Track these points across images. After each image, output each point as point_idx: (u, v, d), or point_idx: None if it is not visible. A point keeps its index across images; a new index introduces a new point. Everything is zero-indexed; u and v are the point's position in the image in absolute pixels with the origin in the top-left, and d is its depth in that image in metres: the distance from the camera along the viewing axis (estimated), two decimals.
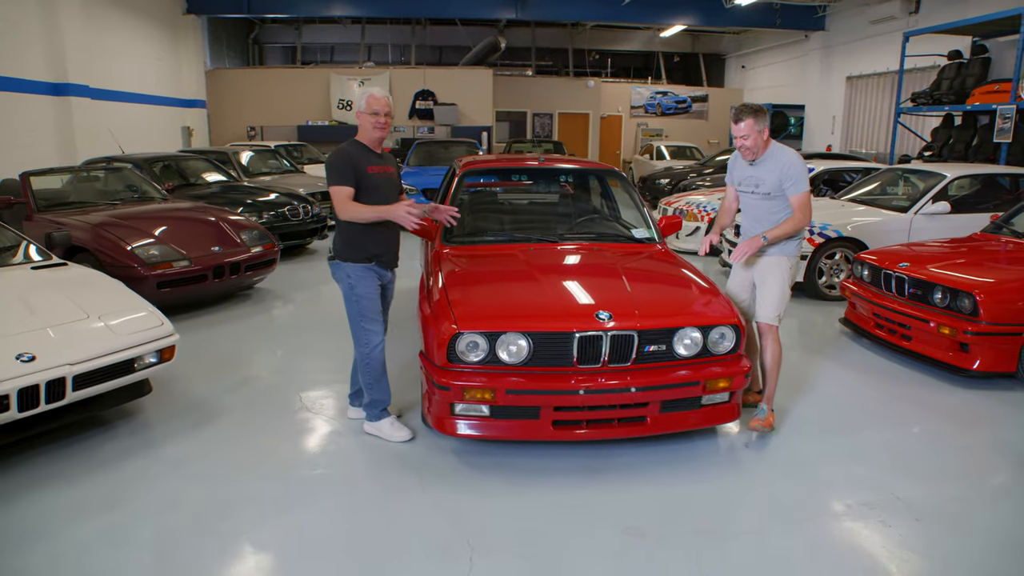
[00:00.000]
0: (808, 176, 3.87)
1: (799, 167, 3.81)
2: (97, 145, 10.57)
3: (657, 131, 20.68)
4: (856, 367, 5.23)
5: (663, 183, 14.47)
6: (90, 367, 3.70)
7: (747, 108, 3.81)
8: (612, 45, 21.61)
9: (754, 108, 3.81)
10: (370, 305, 3.73)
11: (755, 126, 3.77)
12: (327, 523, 3.11)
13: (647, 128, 20.80)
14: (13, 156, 9.04)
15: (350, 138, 3.77)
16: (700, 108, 20.69)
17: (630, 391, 3.33)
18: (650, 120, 20.89)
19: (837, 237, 7.07)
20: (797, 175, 3.80)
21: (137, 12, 13.37)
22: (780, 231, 3.82)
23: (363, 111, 3.68)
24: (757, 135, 3.78)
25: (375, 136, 3.71)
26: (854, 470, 3.60)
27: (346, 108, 17.57)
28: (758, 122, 3.77)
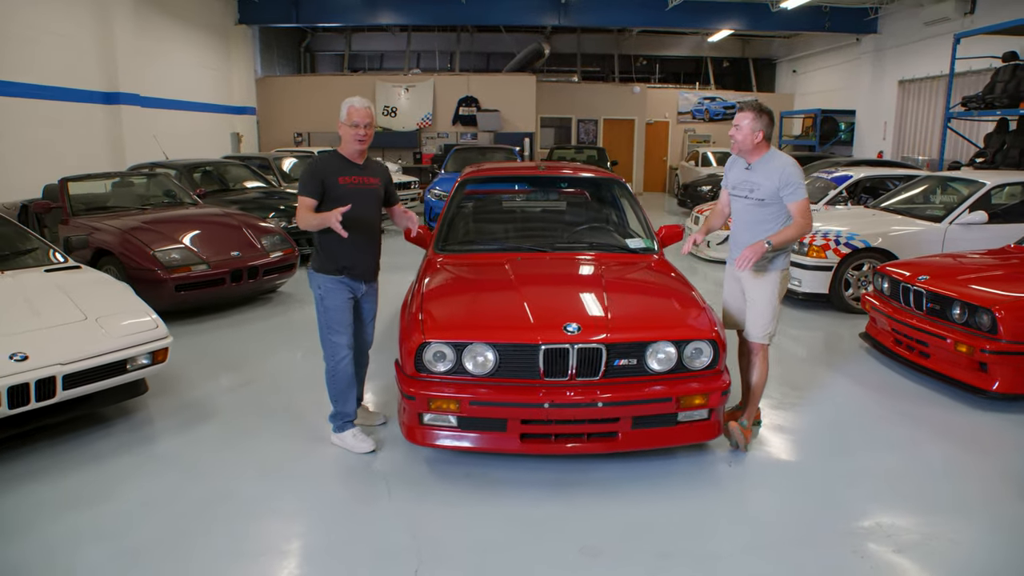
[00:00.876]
0: (804, 183, 3.74)
1: (797, 174, 3.69)
2: (145, 151, 10.97)
3: (704, 137, 20.31)
4: (870, 384, 5.02)
5: (704, 190, 14.23)
6: (81, 367, 3.83)
7: (752, 104, 3.76)
8: (659, 51, 21.34)
9: (757, 107, 3.73)
10: (337, 317, 3.72)
11: (751, 123, 3.67)
12: (286, 528, 3.15)
13: (694, 134, 20.45)
14: (68, 162, 9.44)
15: (331, 149, 3.78)
16: None
17: (597, 406, 3.26)
18: (697, 126, 20.54)
19: (865, 248, 6.81)
20: (796, 182, 3.68)
21: (189, 23, 13.85)
22: (784, 236, 3.69)
23: (343, 122, 3.66)
24: (749, 132, 3.68)
25: (355, 148, 3.70)
26: (843, 494, 3.45)
27: (391, 115, 17.83)
28: (756, 121, 3.67)
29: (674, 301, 3.73)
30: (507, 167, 5.77)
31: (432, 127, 17.99)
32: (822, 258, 6.83)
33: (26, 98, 9.49)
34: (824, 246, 6.84)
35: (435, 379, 3.39)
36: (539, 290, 3.76)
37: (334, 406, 3.85)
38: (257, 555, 2.94)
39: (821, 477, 3.62)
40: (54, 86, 9.97)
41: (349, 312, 3.78)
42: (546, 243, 4.51)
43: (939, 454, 3.94)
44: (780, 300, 3.96)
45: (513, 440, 3.38)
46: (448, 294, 3.82)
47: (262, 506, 3.32)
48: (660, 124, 20.44)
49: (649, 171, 20.35)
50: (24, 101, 9.45)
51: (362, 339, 4.03)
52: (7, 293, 4.24)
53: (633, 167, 19.75)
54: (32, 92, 9.59)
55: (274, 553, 2.96)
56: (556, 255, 4.34)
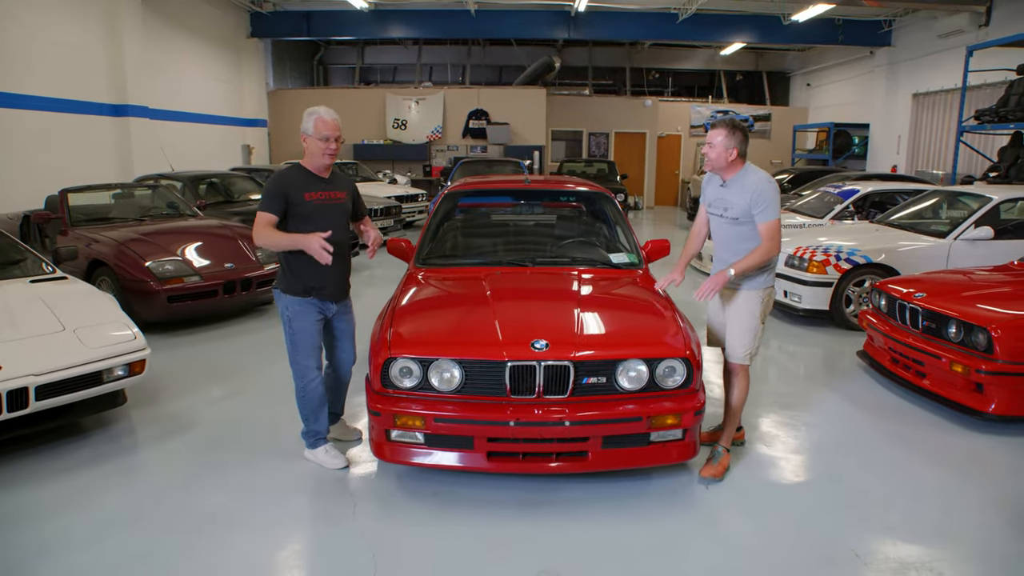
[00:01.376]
0: (778, 202, 3.63)
1: (770, 192, 3.56)
2: (153, 163, 11.07)
3: None
4: (864, 404, 4.89)
5: None
6: (55, 378, 3.82)
7: (724, 121, 3.65)
8: (672, 64, 21.27)
9: (730, 124, 3.61)
10: (305, 339, 3.63)
11: (724, 140, 3.56)
12: (245, 544, 3.09)
13: None
14: (77, 173, 9.54)
15: (295, 162, 3.70)
16: (763, 127, 20.07)
17: (564, 424, 3.18)
18: None
19: (866, 263, 6.68)
20: (768, 200, 3.55)
21: (200, 36, 14.00)
22: (747, 263, 3.57)
23: (311, 135, 3.53)
24: (722, 150, 3.58)
25: (322, 163, 3.60)
26: (823, 519, 3.33)
27: (401, 127, 17.89)
28: (729, 138, 3.56)
29: (650, 318, 3.64)
30: (492, 180, 5.71)
31: (442, 140, 18.04)
32: (822, 274, 6.71)
33: (34, 110, 9.61)
34: (824, 261, 6.72)
35: (401, 395, 3.33)
36: (512, 306, 3.70)
37: (305, 424, 3.80)
38: (210, 569, 2.89)
39: (802, 501, 3.50)
40: (63, 98, 10.10)
41: (318, 334, 3.70)
42: (527, 258, 4.44)
43: (931, 479, 3.79)
44: (763, 319, 3.85)
45: (480, 458, 3.31)
46: (419, 309, 3.77)
47: (225, 521, 3.28)
48: (672, 137, 20.34)
49: (661, 185, 20.24)
50: (33, 113, 9.57)
51: (339, 358, 3.96)
52: None
53: (644, 180, 19.67)
54: (41, 104, 9.71)
55: (227, 568, 2.91)
56: (536, 270, 4.28)
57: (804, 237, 7.42)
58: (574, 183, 5.21)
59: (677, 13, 15.01)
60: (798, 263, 6.89)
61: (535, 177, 5.25)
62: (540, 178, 5.62)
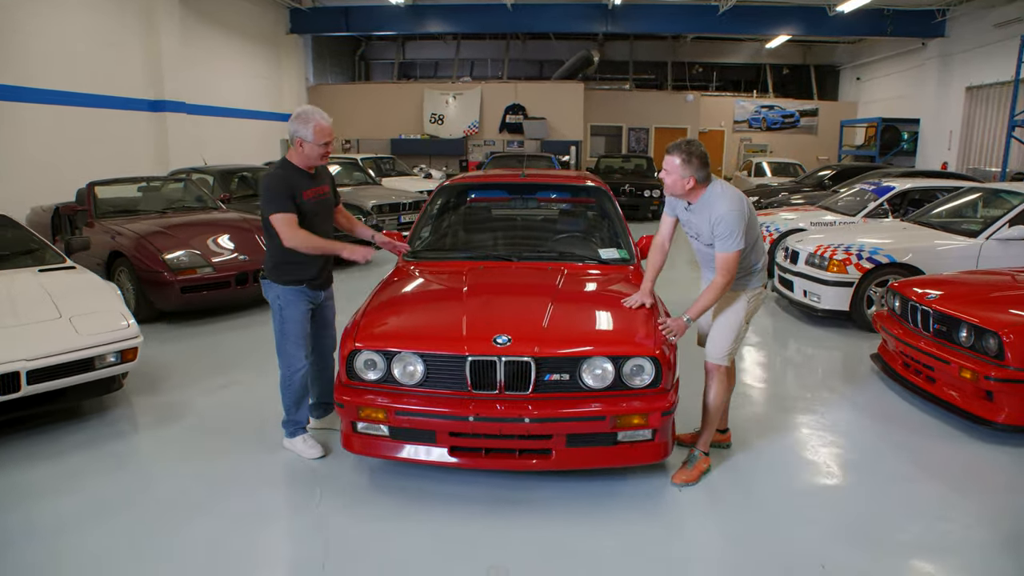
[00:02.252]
0: (742, 232, 3.34)
1: (731, 222, 3.30)
2: (188, 157, 11.36)
3: (761, 147, 19.72)
4: (869, 410, 4.69)
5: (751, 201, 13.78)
6: (46, 363, 3.94)
7: (681, 147, 3.34)
8: (716, 58, 20.86)
9: (687, 150, 3.31)
10: (295, 329, 3.70)
11: (680, 168, 3.32)
12: (204, 529, 3.14)
13: (750, 144, 19.89)
14: (116, 167, 9.86)
15: (281, 160, 3.70)
16: (809, 123, 19.53)
17: (524, 421, 3.13)
18: (754, 135, 19.95)
19: (890, 263, 6.41)
20: (726, 231, 3.30)
21: (239, 33, 14.31)
22: (700, 304, 3.42)
23: (310, 141, 3.56)
24: (678, 178, 3.34)
25: (319, 163, 3.70)
26: (799, 530, 3.17)
27: (438, 122, 17.98)
28: (685, 166, 3.31)
29: (621, 315, 3.54)
30: (487, 175, 5.67)
31: (479, 134, 18.06)
32: (842, 273, 6.47)
33: (75, 106, 9.96)
34: (845, 260, 6.48)
35: (366, 388, 3.33)
36: (485, 300, 3.65)
37: (287, 414, 3.84)
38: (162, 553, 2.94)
39: (781, 509, 3.36)
40: (102, 95, 10.43)
41: (307, 323, 3.76)
42: (513, 252, 4.39)
43: (927, 491, 3.58)
44: (748, 320, 3.73)
45: (443, 452, 3.29)
46: (392, 303, 3.75)
47: (194, 507, 3.34)
48: (715, 133, 19.96)
49: None
50: (73, 109, 9.92)
51: (324, 343, 4.02)
52: None
53: None
54: (81, 100, 10.05)
55: (180, 553, 2.97)
56: (520, 265, 4.22)
57: (828, 235, 7.17)
58: (571, 177, 5.13)
59: (717, 5, 14.72)
60: (818, 262, 6.66)
61: (531, 171, 5.18)
62: (537, 172, 5.55)
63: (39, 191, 8.75)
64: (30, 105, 9.17)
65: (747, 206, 3.43)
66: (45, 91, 9.46)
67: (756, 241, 3.62)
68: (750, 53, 20.18)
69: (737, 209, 3.33)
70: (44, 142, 9.38)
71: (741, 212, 3.34)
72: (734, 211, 3.31)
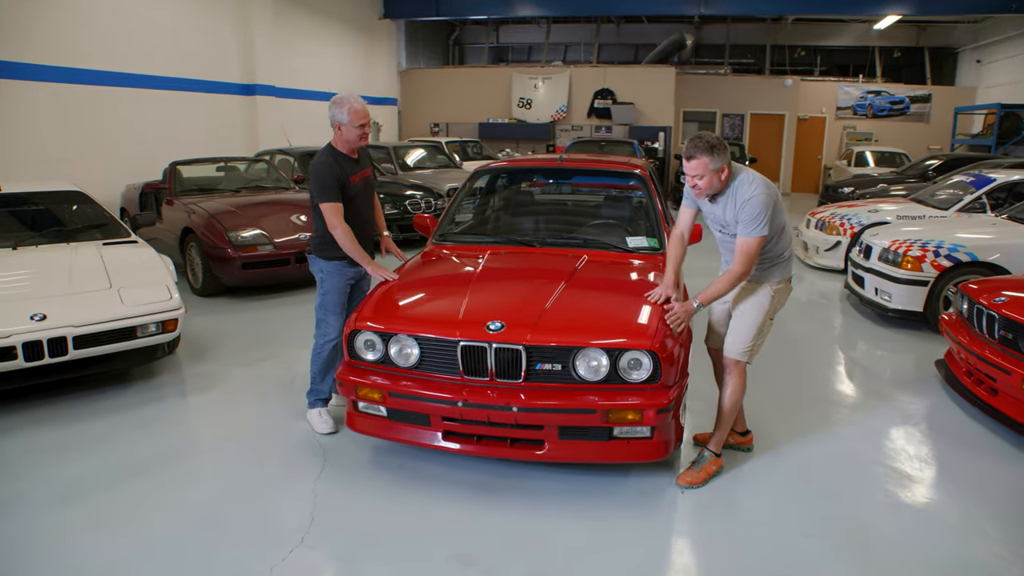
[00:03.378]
0: (767, 218, 3.17)
1: (756, 204, 3.15)
2: (277, 139, 11.81)
3: (866, 135, 18.55)
4: (919, 420, 4.34)
5: (845, 191, 13.03)
6: (91, 330, 4.22)
7: (700, 144, 3.17)
8: (819, 40, 19.72)
9: (709, 144, 3.14)
10: (334, 299, 3.88)
11: (709, 164, 3.16)
12: (206, 496, 3.29)
13: (854, 132, 18.74)
14: (212, 147, 10.42)
15: (327, 145, 3.82)
16: (920, 109, 18.18)
17: (512, 410, 3.08)
18: (859, 123, 18.77)
19: (971, 262, 5.91)
20: (751, 215, 3.16)
21: (331, 18, 14.73)
22: (714, 290, 3.27)
23: (347, 124, 3.70)
24: (712, 174, 3.18)
25: (358, 145, 3.83)
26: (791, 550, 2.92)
27: (525, 106, 17.92)
28: (714, 160, 3.15)
29: (626, 306, 3.42)
30: (525, 159, 5.59)
31: (566, 119, 17.88)
32: (917, 271, 6.02)
33: (173, 90, 10.54)
34: (920, 257, 6.02)
35: (366, 367, 3.38)
36: (492, 286, 3.62)
37: (311, 382, 3.99)
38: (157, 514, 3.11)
39: (784, 525, 3.11)
40: (198, 79, 10.99)
41: (344, 295, 3.93)
42: (537, 238, 4.33)
43: (952, 518, 3.22)
44: (771, 316, 3.52)
45: (437, 436, 3.30)
46: (404, 285, 3.77)
47: (200, 471, 3.53)
48: (815, 120, 18.94)
49: (800, 171, 18.92)
50: (171, 93, 10.50)
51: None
52: (58, 262, 4.74)
53: (781, 166, 18.47)
54: (178, 85, 10.63)
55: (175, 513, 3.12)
56: (541, 251, 4.15)
57: (908, 230, 6.68)
58: (609, 163, 4.99)
59: None
60: (891, 258, 6.22)
61: (572, 156, 5.06)
62: (578, 157, 5.42)
63: (136, 169, 9.34)
64: (129, 89, 9.79)
65: (775, 193, 3.28)
66: (145, 76, 10.07)
67: (782, 230, 3.44)
68: (857, 35, 18.95)
69: (764, 193, 3.19)
70: (142, 124, 9.99)
71: (768, 197, 3.20)
72: (760, 195, 3.17)
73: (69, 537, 2.96)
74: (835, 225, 8.55)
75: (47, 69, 8.63)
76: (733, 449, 3.84)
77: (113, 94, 9.57)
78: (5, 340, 3.94)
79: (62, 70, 8.83)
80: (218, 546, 2.89)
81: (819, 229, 8.80)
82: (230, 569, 2.74)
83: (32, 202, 5.49)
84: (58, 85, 8.81)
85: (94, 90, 9.29)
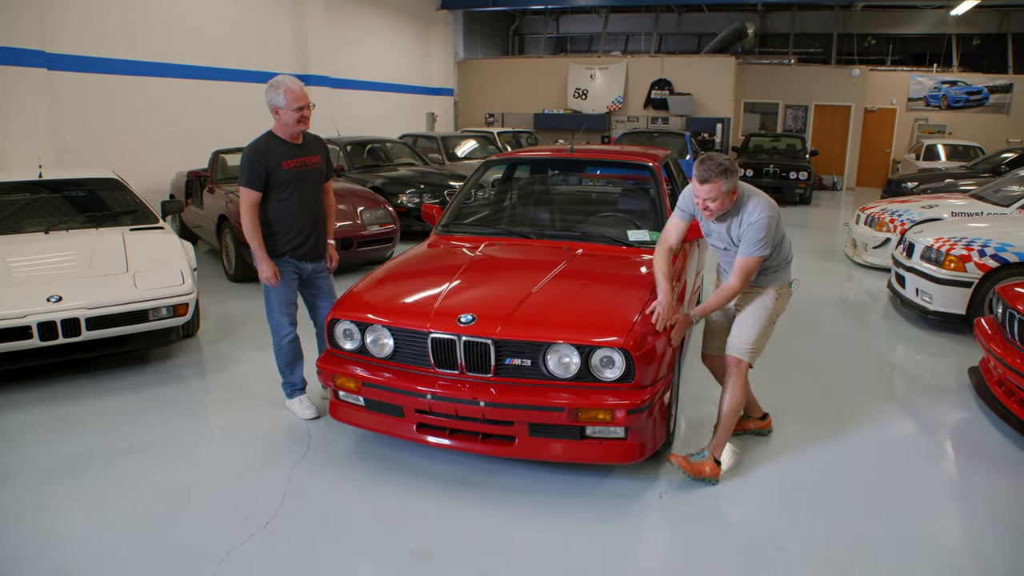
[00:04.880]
0: (770, 241, 3.18)
1: (760, 230, 3.13)
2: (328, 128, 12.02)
3: (939, 127, 17.60)
4: (936, 431, 4.09)
5: (909, 186, 12.40)
6: (103, 312, 4.38)
7: (714, 167, 3.05)
8: (891, 28, 18.75)
9: (722, 167, 3.05)
10: (278, 298, 3.81)
11: (723, 187, 3.08)
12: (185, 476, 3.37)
13: (926, 124, 17.80)
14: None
15: (266, 132, 3.76)
16: (1000, 100, 17.10)
17: (479, 404, 3.04)
18: (932, 114, 17.81)
19: (1021, 263, 5.52)
20: (755, 237, 3.15)
21: (388, 9, 14.89)
22: (709, 304, 3.31)
23: (284, 107, 3.60)
24: (725, 197, 3.12)
25: (296, 130, 3.71)
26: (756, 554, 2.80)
27: (581, 97, 17.74)
28: (727, 182, 3.07)
29: (603, 302, 3.32)
30: (533, 150, 5.49)
31: (622, 110, 17.60)
32: (959, 271, 5.67)
33: (227, 81, 10.86)
34: (963, 257, 5.67)
35: (344, 356, 3.39)
36: (474, 278, 3.58)
37: (281, 376, 4.02)
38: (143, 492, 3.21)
39: (756, 534, 2.97)
40: (251, 70, 11.28)
41: (292, 292, 3.88)
42: (535, 230, 4.25)
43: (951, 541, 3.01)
44: (774, 319, 3.42)
45: (410, 428, 3.29)
46: (390, 275, 3.77)
47: (184, 451, 3.64)
48: (884, 112, 18.08)
49: (866, 164, 18.09)
50: (228, 84, 10.83)
51: (321, 316, 4.01)
52: (83, 246, 4.92)
53: (846, 159, 17.70)
54: (233, 76, 10.95)
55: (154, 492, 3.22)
56: (539, 243, 4.08)
57: (955, 227, 6.30)
58: (620, 154, 4.86)
59: None
60: (934, 256, 5.88)
61: (581, 147, 4.95)
62: (586, 148, 5.30)
63: (192, 157, 9.66)
64: (187, 81, 10.18)
65: (777, 213, 3.25)
66: (203, 68, 10.45)
67: (782, 240, 3.42)
68: (933, 22, 17.94)
69: (768, 215, 3.17)
70: (200, 114, 10.35)
71: (772, 220, 3.18)
72: (766, 218, 3.15)
73: (54, 509, 3.08)
74: (885, 221, 8.14)
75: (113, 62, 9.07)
76: (753, 434, 3.79)
77: (172, 85, 9.96)
78: (21, 320, 4.13)
79: (126, 62, 9.27)
80: (184, 526, 2.95)
81: (868, 225, 8.40)
82: (190, 548, 2.80)
83: (69, 188, 5.72)
84: (121, 77, 9.24)
85: (154, 81, 9.71)
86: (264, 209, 3.74)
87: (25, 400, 4.21)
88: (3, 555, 2.77)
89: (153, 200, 6.37)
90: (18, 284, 4.33)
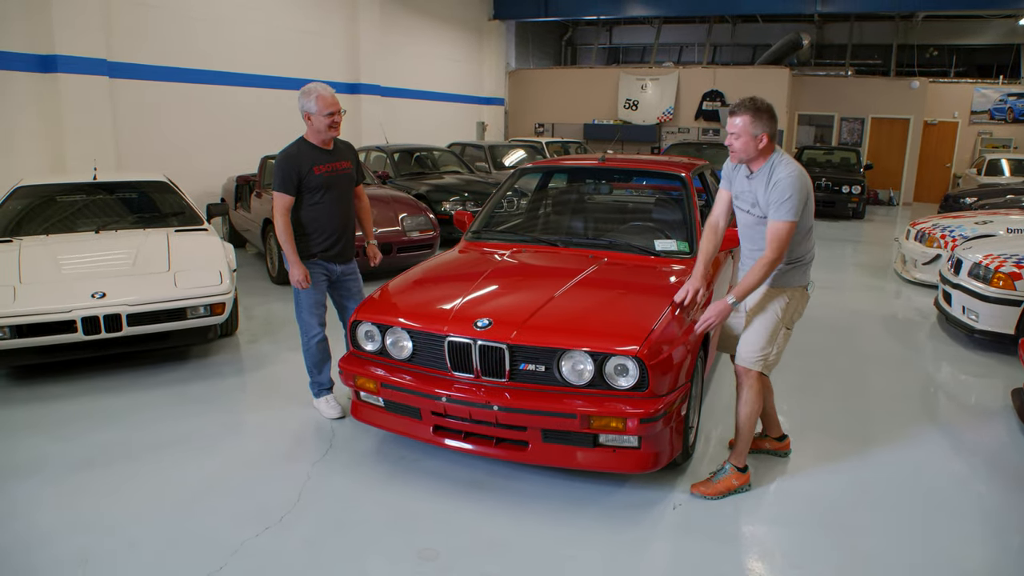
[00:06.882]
0: (798, 203, 3.03)
1: (789, 187, 3.01)
2: (378, 136, 12.28)
3: (1005, 141, 16.95)
4: (970, 454, 3.92)
5: (967, 202, 11.97)
6: (143, 309, 4.56)
7: (745, 104, 3.08)
8: (955, 39, 18.17)
9: (756, 106, 3.07)
10: (307, 299, 3.92)
11: (750, 126, 3.05)
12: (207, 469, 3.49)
13: (990, 138, 17.16)
14: None
15: (298, 138, 3.87)
16: None
17: (492, 408, 3.06)
18: (996, 128, 17.16)
19: None
20: (782, 197, 3.02)
21: (440, 19, 15.13)
22: (746, 283, 3.11)
23: (315, 113, 3.72)
24: (750, 138, 3.07)
25: (328, 136, 3.82)
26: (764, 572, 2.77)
27: (631, 108, 17.67)
28: (756, 123, 3.05)
29: (621, 310, 3.31)
30: (564, 159, 5.49)
31: (673, 121, 17.47)
32: (1009, 289, 5.46)
33: (280, 89, 11.18)
34: (1013, 275, 5.46)
35: (366, 358, 3.46)
36: (498, 283, 3.61)
37: (309, 376, 4.11)
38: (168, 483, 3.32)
39: (768, 552, 2.92)
40: (304, 78, 11.51)
41: (321, 293, 3.98)
42: (563, 239, 4.26)
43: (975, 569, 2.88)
44: (790, 324, 3.32)
45: (427, 430, 3.33)
46: (416, 280, 3.83)
47: (211, 447, 3.74)
48: (945, 125, 17.51)
49: (925, 178, 17.54)
50: (278, 91, 11.15)
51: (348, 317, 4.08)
52: (130, 245, 5.12)
53: (903, 173, 17.18)
54: (286, 84, 11.26)
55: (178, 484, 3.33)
56: (565, 251, 4.10)
57: (1008, 244, 6.07)
58: (651, 164, 4.84)
59: None
60: (982, 273, 5.68)
61: (612, 156, 4.93)
62: (618, 157, 5.28)
63: (239, 162, 9.98)
64: (245, 88, 10.56)
65: (808, 185, 3.14)
66: (259, 76, 10.83)
67: (808, 232, 3.28)
68: (1001, 32, 17.29)
69: (797, 176, 3.08)
70: (256, 120, 10.71)
71: (801, 182, 3.08)
72: (793, 177, 3.06)
73: (80, 496, 3.22)
74: (936, 237, 7.88)
75: (171, 70, 9.49)
76: (768, 454, 3.70)
77: (227, 93, 10.34)
78: (67, 314, 4.33)
79: (183, 71, 9.68)
80: (202, 517, 3.05)
81: (919, 241, 8.14)
82: (206, 539, 2.89)
83: (121, 190, 5.97)
84: (178, 85, 9.63)
85: (210, 89, 10.11)
86: (296, 212, 3.85)
87: (68, 392, 4.41)
88: (25, 536, 2.90)
89: (205, 203, 6.59)
90: (66, 280, 4.54)
